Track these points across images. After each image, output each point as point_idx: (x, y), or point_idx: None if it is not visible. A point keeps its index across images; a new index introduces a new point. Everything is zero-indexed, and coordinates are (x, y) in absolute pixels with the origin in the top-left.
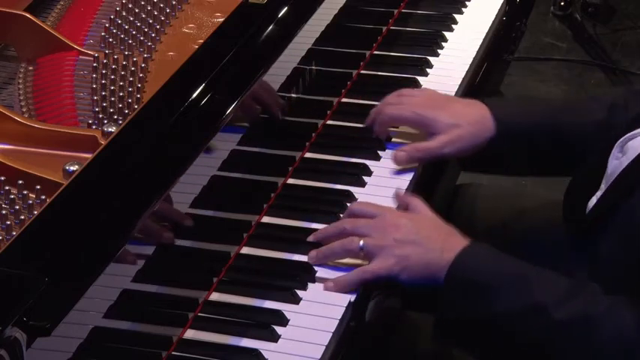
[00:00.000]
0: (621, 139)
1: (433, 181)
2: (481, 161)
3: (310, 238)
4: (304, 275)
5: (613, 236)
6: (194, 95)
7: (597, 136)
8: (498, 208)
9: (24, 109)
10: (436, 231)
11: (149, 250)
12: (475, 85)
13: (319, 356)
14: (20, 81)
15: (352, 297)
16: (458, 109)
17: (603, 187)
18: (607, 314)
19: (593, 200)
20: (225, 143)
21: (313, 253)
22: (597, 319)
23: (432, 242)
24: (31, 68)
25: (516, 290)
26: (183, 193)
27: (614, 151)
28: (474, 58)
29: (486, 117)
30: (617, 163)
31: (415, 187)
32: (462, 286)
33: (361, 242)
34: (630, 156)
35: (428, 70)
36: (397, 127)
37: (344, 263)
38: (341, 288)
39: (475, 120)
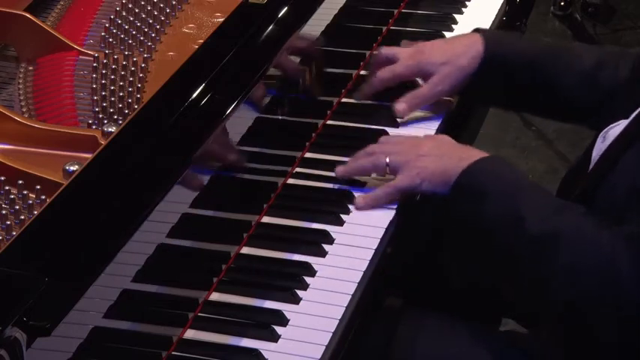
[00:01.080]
0: (604, 130)
1: None
2: (477, 95)
3: (339, 168)
4: (304, 275)
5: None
6: (194, 95)
7: (580, 88)
8: None
9: (24, 109)
10: (455, 147)
11: (149, 249)
12: None
13: (319, 356)
14: (20, 81)
15: (352, 297)
16: (445, 47)
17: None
18: (570, 236)
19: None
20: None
21: (341, 167)
22: (561, 238)
23: (451, 154)
24: (31, 68)
25: (507, 201)
26: (184, 193)
27: (598, 140)
28: None
29: (476, 46)
30: (598, 150)
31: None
32: (465, 189)
33: (387, 159)
34: (608, 142)
35: None
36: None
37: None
38: (370, 204)
39: (461, 52)
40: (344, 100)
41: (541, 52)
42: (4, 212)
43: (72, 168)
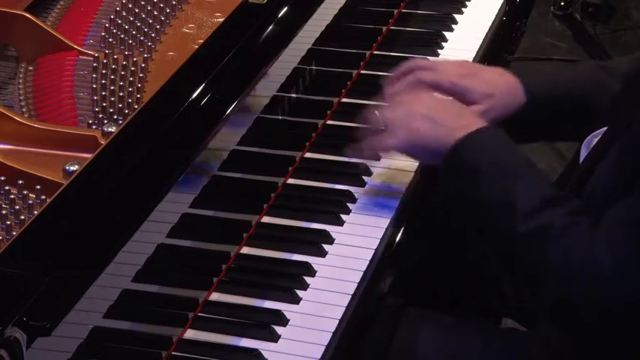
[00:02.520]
0: (588, 138)
1: (433, 179)
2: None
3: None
4: (304, 275)
5: None
6: (194, 95)
7: (609, 112)
8: None
9: (24, 109)
10: (454, 110)
11: (149, 249)
12: None
13: (319, 356)
14: (20, 81)
15: (352, 297)
16: (491, 78)
17: None
18: (559, 234)
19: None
20: (225, 143)
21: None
22: (551, 235)
23: (445, 119)
24: (31, 68)
25: (500, 185)
26: (184, 193)
27: (582, 148)
28: (474, 58)
29: (517, 87)
30: (583, 158)
31: (416, 187)
32: (457, 165)
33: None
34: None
35: None
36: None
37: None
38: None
39: (507, 90)
40: (344, 100)
41: (576, 88)
42: (4, 212)
43: (72, 168)
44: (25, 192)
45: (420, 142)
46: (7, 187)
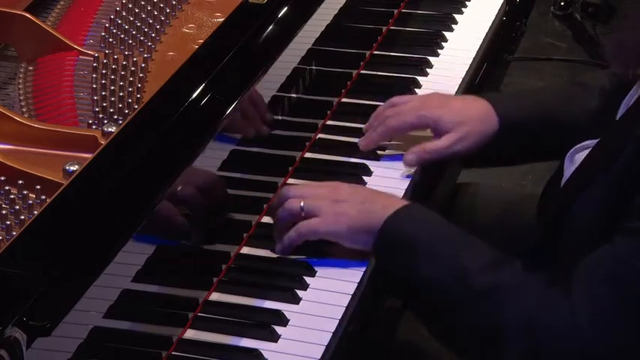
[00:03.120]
0: (572, 150)
1: (433, 180)
2: (483, 157)
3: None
4: (304, 275)
5: (562, 243)
6: (194, 95)
7: (588, 124)
8: (497, 209)
9: (24, 109)
10: (376, 193)
11: (149, 249)
12: (475, 85)
13: (319, 356)
14: (20, 81)
15: (352, 297)
16: (461, 106)
17: None
18: (516, 292)
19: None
20: (225, 144)
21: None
22: (507, 294)
23: (373, 201)
24: (31, 68)
25: (442, 253)
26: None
27: (566, 161)
28: (474, 58)
29: (490, 113)
30: (568, 172)
31: (415, 187)
32: (392, 242)
33: (302, 203)
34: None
35: (428, 70)
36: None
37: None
38: (284, 246)
39: (480, 117)
40: (344, 100)
41: (550, 108)
42: (4, 212)
43: (72, 168)
44: (25, 192)
45: (350, 223)
46: (7, 187)
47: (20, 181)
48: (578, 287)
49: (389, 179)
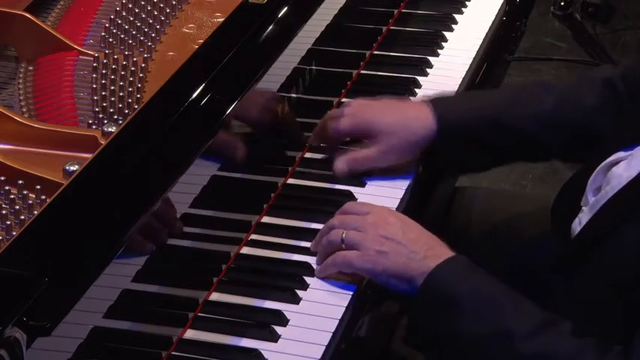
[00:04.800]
0: (603, 164)
1: (432, 182)
2: (432, 161)
3: (311, 246)
4: (304, 275)
5: (593, 267)
6: (194, 95)
7: (545, 126)
8: (495, 212)
9: (24, 109)
10: (423, 236)
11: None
12: (475, 85)
13: (319, 356)
14: (20, 81)
15: (352, 297)
16: (397, 115)
17: (585, 209)
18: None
19: (577, 223)
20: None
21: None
22: None
23: (416, 245)
24: (31, 68)
25: (488, 313)
26: (184, 193)
27: (596, 175)
28: (474, 58)
29: (427, 119)
30: (601, 190)
31: (414, 188)
32: (436, 297)
33: (343, 234)
34: (615, 185)
35: (428, 70)
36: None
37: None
38: (320, 272)
39: (413, 124)
40: (344, 100)
41: (497, 108)
42: (4, 212)
43: (72, 168)
44: (25, 192)
45: (390, 266)
46: (7, 187)
47: (20, 181)
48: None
49: (389, 180)
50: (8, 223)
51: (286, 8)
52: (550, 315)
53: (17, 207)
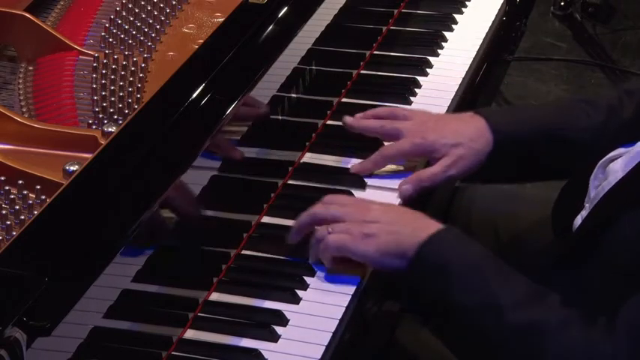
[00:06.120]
0: (603, 160)
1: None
2: (481, 173)
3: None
4: (304, 275)
5: (595, 261)
6: (194, 95)
7: (595, 141)
8: (495, 212)
9: (24, 109)
10: (406, 213)
11: (149, 249)
12: (475, 85)
13: (319, 356)
14: (20, 81)
15: (352, 297)
16: (455, 128)
17: (587, 206)
18: (557, 330)
19: (578, 219)
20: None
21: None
22: (547, 332)
23: (401, 222)
24: (31, 68)
25: (477, 283)
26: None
27: (597, 171)
28: (474, 58)
29: (484, 130)
30: (599, 186)
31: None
32: (428, 267)
33: (329, 228)
34: (612, 180)
35: (428, 70)
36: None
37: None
38: (312, 257)
39: (474, 136)
40: (344, 100)
41: (546, 120)
42: (4, 212)
43: (72, 168)
44: (25, 192)
45: (377, 246)
46: (7, 187)
47: (20, 181)
48: (623, 329)
49: (389, 180)
50: (8, 223)
51: (286, 8)
52: (538, 287)
53: (17, 207)
